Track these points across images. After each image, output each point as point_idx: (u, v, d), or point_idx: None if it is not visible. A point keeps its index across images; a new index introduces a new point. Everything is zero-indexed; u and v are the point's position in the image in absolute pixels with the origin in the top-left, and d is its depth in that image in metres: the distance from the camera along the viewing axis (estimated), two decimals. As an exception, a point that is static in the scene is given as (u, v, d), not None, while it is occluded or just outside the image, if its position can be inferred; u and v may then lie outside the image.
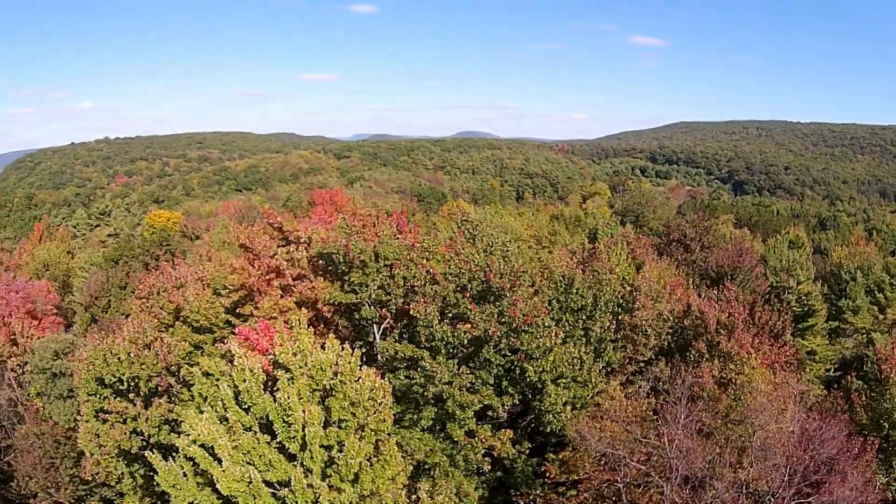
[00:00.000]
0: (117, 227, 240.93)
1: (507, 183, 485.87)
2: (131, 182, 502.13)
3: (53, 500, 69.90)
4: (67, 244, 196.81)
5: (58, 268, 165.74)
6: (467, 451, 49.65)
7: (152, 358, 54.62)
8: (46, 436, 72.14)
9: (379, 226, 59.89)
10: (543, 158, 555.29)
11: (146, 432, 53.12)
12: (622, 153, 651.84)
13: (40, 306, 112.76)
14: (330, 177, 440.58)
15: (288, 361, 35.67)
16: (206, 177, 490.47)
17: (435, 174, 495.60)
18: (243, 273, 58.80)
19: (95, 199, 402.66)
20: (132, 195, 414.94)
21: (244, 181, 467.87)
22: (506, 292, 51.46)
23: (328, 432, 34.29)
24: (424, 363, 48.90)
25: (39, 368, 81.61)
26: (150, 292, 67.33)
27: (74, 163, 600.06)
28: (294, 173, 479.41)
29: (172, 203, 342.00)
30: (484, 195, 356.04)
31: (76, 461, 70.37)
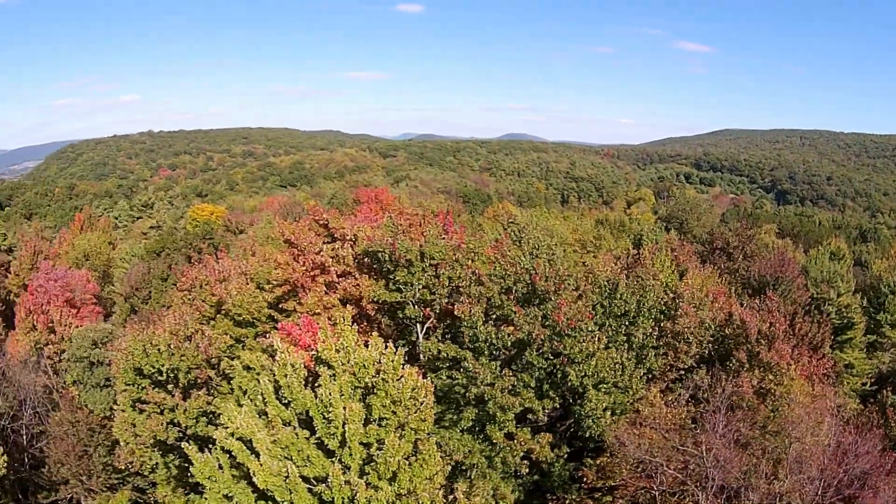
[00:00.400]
0: (160, 219, 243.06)
1: (553, 186, 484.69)
2: (174, 175, 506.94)
3: (85, 488, 70.92)
4: (109, 235, 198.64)
5: (98, 258, 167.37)
6: (506, 454, 49.86)
7: (193, 350, 55.41)
8: (81, 424, 73.06)
9: (425, 225, 60.32)
10: (589, 163, 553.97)
11: (183, 424, 53.89)
12: (667, 159, 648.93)
13: (79, 295, 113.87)
14: (375, 175, 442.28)
15: (331, 358, 35.88)
16: (250, 172, 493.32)
17: (480, 175, 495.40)
18: (288, 268, 59.27)
19: (138, 191, 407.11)
20: (175, 188, 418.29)
21: (289, 177, 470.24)
22: (550, 295, 51.64)
23: (368, 430, 34.51)
24: (467, 364, 49.15)
25: (77, 357, 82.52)
26: (193, 285, 67.97)
27: (117, 154, 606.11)
28: (339, 171, 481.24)
29: (216, 197, 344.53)
30: (529, 198, 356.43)
31: (110, 450, 71.31)
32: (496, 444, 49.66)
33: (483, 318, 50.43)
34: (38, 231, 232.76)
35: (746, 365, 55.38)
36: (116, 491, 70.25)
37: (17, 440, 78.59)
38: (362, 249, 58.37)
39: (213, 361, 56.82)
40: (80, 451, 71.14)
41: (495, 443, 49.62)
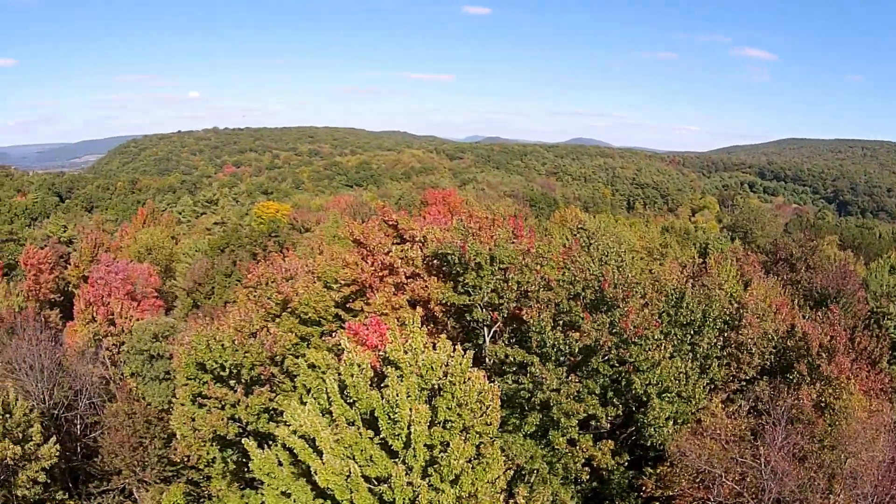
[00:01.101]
0: (224, 215, 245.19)
1: (619, 192, 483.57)
2: (239, 172, 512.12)
3: (138, 479, 72.35)
4: (172, 229, 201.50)
5: (161, 252, 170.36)
6: (567, 460, 50.27)
7: (257, 347, 56.38)
8: (138, 415, 74.74)
9: (495, 229, 60.78)
10: (655, 169, 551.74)
11: (244, 420, 54.77)
12: (731, 167, 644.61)
13: (140, 288, 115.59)
14: (442, 177, 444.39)
15: (399, 359, 36.47)
16: (316, 171, 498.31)
17: (547, 180, 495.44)
18: (356, 268, 60.01)
19: (202, 187, 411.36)
20: (240, 185, 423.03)
21: (355, 177, 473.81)
22: (619, 303, 52.12)
23: (432, 432, 35.03)
24: (534, 369, 49.68)
25: (137, 349, 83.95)
26: (259, 282, 68.90)
27: (181, 150, 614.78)
28: (406, 172, 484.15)
29: (281, 195, 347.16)
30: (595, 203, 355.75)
31: (166, 442, 72.94)
32: (558, 449, 50.17)
33: (551, 323, 50.87)
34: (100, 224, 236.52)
35: (807, 378, 55.33)
36: (170, 483, 71.40)
37: (71, 430, 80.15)
38: (432, 251, 58.98)
39: (277, 359, 57.69)
40: (135, 442, 72.56)
41: (557, 448, 50.15)
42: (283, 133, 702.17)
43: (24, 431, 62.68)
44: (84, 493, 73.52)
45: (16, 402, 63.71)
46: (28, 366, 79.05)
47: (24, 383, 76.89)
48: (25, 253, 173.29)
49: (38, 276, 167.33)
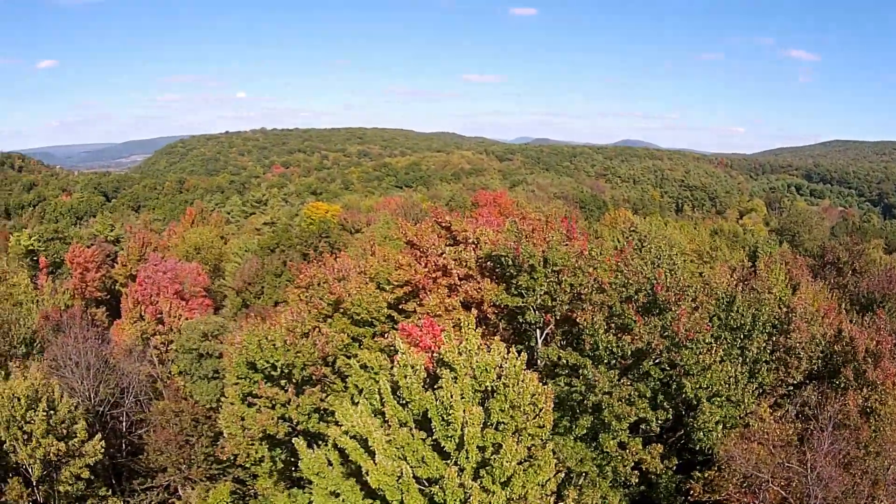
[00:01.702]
0: (274, 216, 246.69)
1: (667, 194, 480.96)
2: (288, 173, 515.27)
3: (184, 476, 73.39)
4: (221, 229, 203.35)
5: (210, 251, 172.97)
6: (617, 463, 50.54)
7: (309, 347, 56.92)
8: (185, 413, 75.80)
9: (548, 231, 61.20)
10: (703, 171, 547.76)
11: (294, 419, 55.34)
12: (778, 169, 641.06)
13: (188, 288, 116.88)
14: (492, 178, 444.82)
15: (453, 360, 36.88)
16: (365, 171, 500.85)
17: (596, 181, 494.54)
18: (409, 270, 60.60)
19: (250, 187, 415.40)
20: (289, 186, 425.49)
21: (404, 178, 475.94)
22: (671, 306, 52.35)
23: (485, 434, 35.45)
24: (586, 371, 50.12)
25: (185, 348, 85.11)
26: (311, 282, 69.44)
27: (229, 151, 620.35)
28: (456, 173, 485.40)
29: (331, 196, 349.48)
30: (644, 205, 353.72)
31: (213, 440, 73.94)
32: (608, 453, 50.44)
33: (604, 326, 51.23)
34: (147, 223, 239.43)
35: (853, 383, 55.17)
36: (216, 481, 72.37)
37: (116, 427, 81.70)
38: (485, 253, 59.53)
39: (328, 359, 58.27)
40: (181, 440, 73.66)
41: (607, 452, 50.40)
42: (332, 134, 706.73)
43: (69, 428, 63.68)
44: (127, 489, 74.56)
45: (61, 398, 64.75)
46: (74, 363, 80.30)
47: (70, 380, 78.00)
48: (71, 251, 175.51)
49: (85, 275, 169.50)
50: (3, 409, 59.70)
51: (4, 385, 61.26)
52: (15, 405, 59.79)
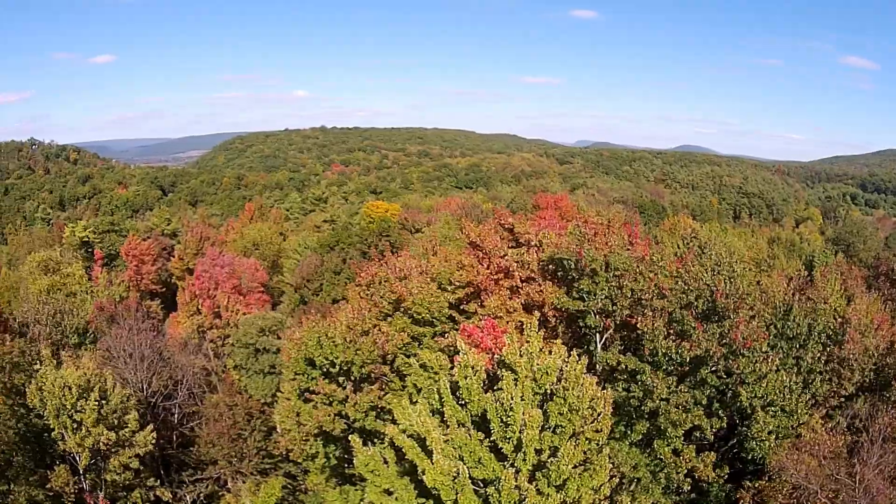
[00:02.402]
0: (334, 213, 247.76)
1: (725, 201, 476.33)
2: (347, 171, 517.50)
3: (234, 469, 74.54)
4: (280, 226, 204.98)
5: (268, 248, 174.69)
6: (670, 470, 50.65)
7: (369, 345, 57.68)
8: (239, 407, 77.14)
9: (610, 235, 61.51)
10: (760, 178, 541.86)
11: (351, 417, 56.17)
12: (834, 178, 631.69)
13: (246, 283, 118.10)
14: (552, 181, 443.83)
15: (515, 362, 37.33)
16: (425, 171, 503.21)
17: (656, 186, 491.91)
18: (472, 270, 61.17)
19: (309, 184, 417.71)
20: (349, 184, 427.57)
21: (464, 179, 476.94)
22: (730, 313, 52.47)
23: (543, 436, 35.85)
24: (645, 377, 50.44)
25: (242, 343, 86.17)
26: (372, 281, 70.03)
27: (288, 148, 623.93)
28: (516, 175, 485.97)
29: (390, 195, 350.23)
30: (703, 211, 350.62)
31: (266, 435, 75.33)
32: (661, 459, 50.64)
33: (664, 332, 51.49)
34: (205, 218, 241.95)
35: (904, 397, 55.00)
36: (267, 475, 73.53)
37: (168, 418, 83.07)
38: (548, 256, 59.87)
39: (388, 358, 59.01)
40: (234, 433, 74.85)
41: (661, 458, 50.61)
42: (392, 133, 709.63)
43: (120, 418, 64.53)
44: (176, 480, 75.95)
45: (113, 389, 65.70)
46: (127, 354, 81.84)
47: (123, 371, 79.51)
48: (127, 244, 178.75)
49: (140, 267, 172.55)
50: (53, 398, 60.38)
51: (56, 374, 62.04)
52: (66, 394, 60.37)
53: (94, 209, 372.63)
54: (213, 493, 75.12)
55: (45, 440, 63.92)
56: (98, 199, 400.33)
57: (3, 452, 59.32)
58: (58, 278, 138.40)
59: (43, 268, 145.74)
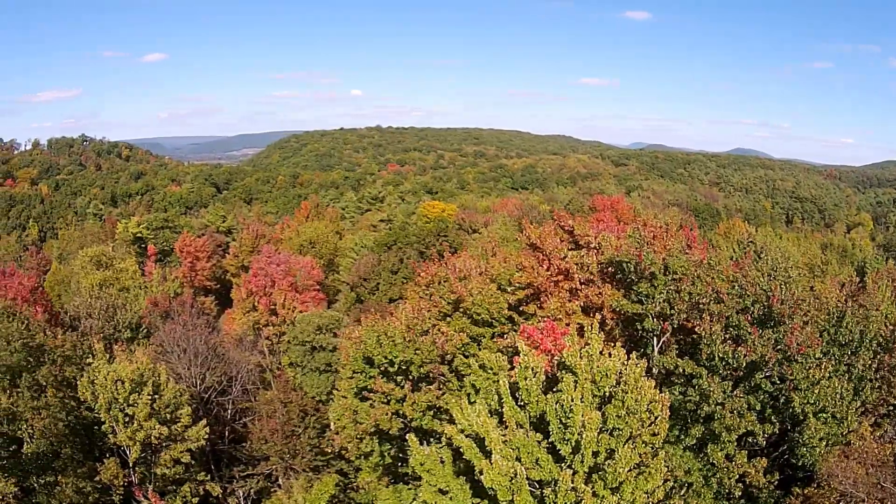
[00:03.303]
0: (390, 213, 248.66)
1: (778, 205, 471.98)
2: (403, 171, 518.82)
3: (286, 466, 75.46)
4: (336, 225, 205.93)
5: (325, 246, 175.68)
6: (722, 475, 50.68)
7: (428, 345, 58.25)
8: (294, 404, 77.85)
9: (668, 238, 61.80)
10: (812, 183, 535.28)
11: (409, 416, 56.88)
12: (885, 183, 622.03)
13: (301, 281, 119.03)
14: (607, 183, 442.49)
15: (575, 364, 37.93)
16: (481, 172, 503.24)
17: (710, 190, 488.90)
18: (532, 272, 61.64)
19: (365, 184, 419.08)
20: (405, 184, 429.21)
21: (520, 180, 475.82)
22: (785, 319, 52.47)
23: (600, 438, 36.28)
24: (701, 381, 50.62)
25: (299, 340, 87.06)
26: (432, 280, 70.50)
27: (343, 147, 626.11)
28: (571, 177, 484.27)
29: (446, 195, 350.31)
30: (756, 216, 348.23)
31: (320, 432, 76.09)
32: (714, 464, 50.73)
33: (722, 336, 51.68)
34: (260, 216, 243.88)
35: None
36: (319, 472, 74.15)
37: (220, 414, 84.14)
38: (608, 258, 60.32)
39: (447, 357, 59.49)
40: (288, 430, 75.54)
41: (713, 463, 50.72)
42: (448, 133, 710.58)
43: (173, 413, 65.54)
44: (226, 476, 76.82)
45: (167, 383, 66.68)
46: (181, 349, 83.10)
47: (176, 366, 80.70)
48: (182, 240, 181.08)
49: (195, 264, 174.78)
50: (105, 391, 61.37)
51: (109, 368, 63.04)
52: (118, 388, 61.44)
53: (146, 205, 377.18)
54: (264, 489, 76.00)
55: (94, 433, 65.11)
56: (151, 195, 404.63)
57: (51, 444, 60.21)
58: (110, 273, 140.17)
59: (95, 263, 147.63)
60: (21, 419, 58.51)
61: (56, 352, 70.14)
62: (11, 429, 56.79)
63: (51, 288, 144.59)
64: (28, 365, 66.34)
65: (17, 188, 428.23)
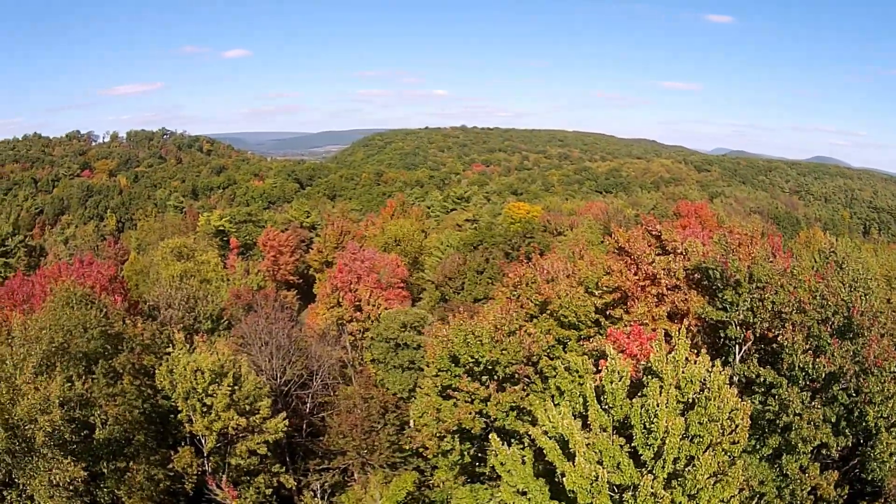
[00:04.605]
0: (476, 213, 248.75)
1: (856, 215, 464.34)
2: (488, 171, 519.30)
3: (363, 461, 76.15)
4: (421, 223, 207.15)
5: (410, 244, 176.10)
6: (795, 486, 50.42)
7: (515, 346, 58.63)
8: (375, 400, 78.94)
9: (753, 246, 61.74)
10: (890, 192, 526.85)
11: (492, 415, 57.47)
12: None
13: (385, 278, 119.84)
14: (690, 189, 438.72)
15: (661, 370, 38.36)
16: (566, 174, 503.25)
17: (790, 198, 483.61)
18: (619, 276, 61.93)
19: (450, 183, 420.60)
20: (490, 184, 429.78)
21: (604, 183, 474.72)
22: (864, 331, 52.19)
23: (681, 445, 36.49)
24: (781, 391, 50.57)
25: (383, 337, 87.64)
26: (519, 282, 70.90)
27: (428, 146, 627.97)
28: (655, 181, 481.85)
29: (531, 197, 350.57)
30: (834, 225, 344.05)
31: (398, 429, 77.23)
32: (788, 475, 50.51)
33: (803, 346, 51.48)
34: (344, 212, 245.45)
35: None
36: (396, 469, 75.00)
37: (299, 407, 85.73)
38: (694, 264, 60.40)
39: (533, 359, 59.88)
40: (367, 426, 76.41)
41: (787, 474, 50.50)
42: (533, 135, 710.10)
43: (252, 404, 66.71)
44: (301, 468, 78.18)
45: (247, 375, 68.06)
46: (263, 342, 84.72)
47: (257, 358, 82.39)
48: (265, 234, 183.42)
49: (278, 258, 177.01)
50: (184, 381, 62.92)
51: (188, 358, 64.46)
52: (197, 378, 62.90)
53: (228, 199, 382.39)
54: (337, 483, 76.53)
55: (170, 421, 66.68)
56: (233, 189, 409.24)
57: (124, 431, 61.22)
58: (191, 265, 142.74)
59: (176, 254, 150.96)
60: (94, 405, 59.28)
61: (135, 340, 71.58)
62: (84, 414, 57.45)
63: (128, 277, 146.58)
64: (105, 352, 67.24)
65: (95, 179, 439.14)
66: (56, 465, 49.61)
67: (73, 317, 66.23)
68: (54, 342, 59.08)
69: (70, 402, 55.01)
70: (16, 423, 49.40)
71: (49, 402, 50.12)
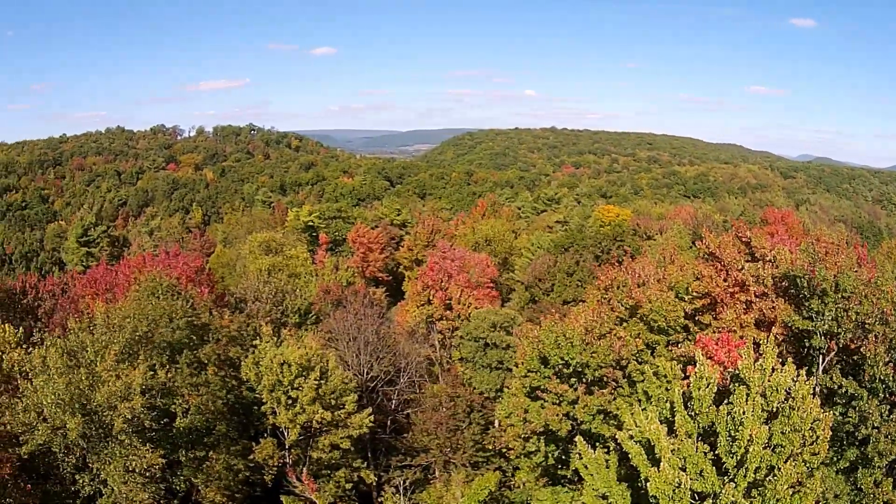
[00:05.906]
0: (567, 215, 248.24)
1: None
2: (577, 173, 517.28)
3: (445, 459, 76.90)
4: (512, 224, 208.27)
5: (500, 244, 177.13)
6: (869, 501, 49.97)
7: (605, 349, 58.96)
8: (461, 399, 79.24)
9: (839, 255, 61.29)
10: None
11: (580, 418, 57.76)
12: None
13: (475, 277, 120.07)
14: (776, 195, 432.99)
15: (749, 378, 38.41)
16: (654, 178, 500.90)
17: (873, 207, 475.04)
18: (709, 282, 61.75)
19: (539, 184, 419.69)
20: (579, 186, 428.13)
21: (692, 188, 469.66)
22: (942, 345, 51.44)
23: (763, 454, 36.57)
24: (862, 403, 50.21)
25: (472, 336, 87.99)
26: (610, 285, 70.90)
27: (518, 147, 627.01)
28: (742, 187, 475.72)
29: (620, 200, 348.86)
30: None
31: (483, 429, 77.35)
32: (862, 489, 50.03)
33: (885, 358, 51.05)
34: (435, 211, 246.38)
35: None
36: (478, 468, 75.50)
37: (384, 403, 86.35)
38: (783, 272, 59.91)
39: (622, 363, 60.13)
40: (452, 425, 77.10)
41: (861, 488, 50.02)
42: (622, 137, 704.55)
43: (338, 399, 67.14)
44: (382, 464, 78.69)
45: (334, 370, 68.40)
46: (351, 337, 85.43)
47: (344, 353, 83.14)
48: (355, 231, 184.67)
49: (367, 255, 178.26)
50: (270, 373, 63.53)
51: (276, 351, 65.19)
52: (284, 371, 63.44)
53: (316, 195, 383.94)
54: (418, 481, 76.24)
55: (253, 413, 67.71)
56: (321, 185, 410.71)
57: (206, 420, 62.44)
58: (280, 259, 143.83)
59: (265, 248, 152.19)
60: (177, 394, 60.43)
61: (221, 331, 72.81)
62: (165, 403, 58.58)
63: (215, 270, 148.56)
64: (190, 342, 68.45)
65: (181, 172, 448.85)
66: (133, 451, 51.03)
67: (159, 307, 67.58)
68: (138, 331, 59.80)
69: (152, 390, 56.03)
70: (94, 409, 50.78)
71: (130, 390, 51.45)
